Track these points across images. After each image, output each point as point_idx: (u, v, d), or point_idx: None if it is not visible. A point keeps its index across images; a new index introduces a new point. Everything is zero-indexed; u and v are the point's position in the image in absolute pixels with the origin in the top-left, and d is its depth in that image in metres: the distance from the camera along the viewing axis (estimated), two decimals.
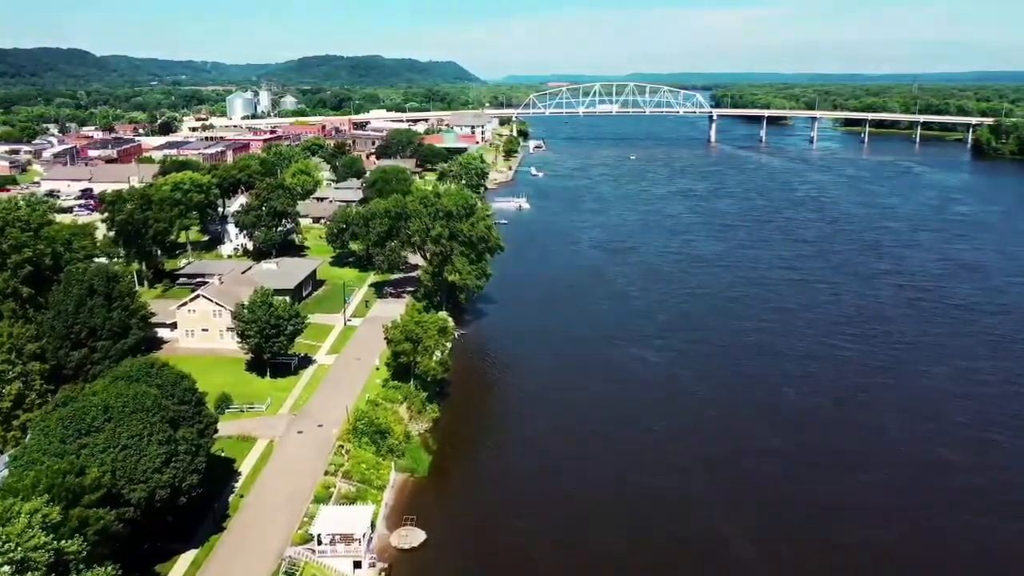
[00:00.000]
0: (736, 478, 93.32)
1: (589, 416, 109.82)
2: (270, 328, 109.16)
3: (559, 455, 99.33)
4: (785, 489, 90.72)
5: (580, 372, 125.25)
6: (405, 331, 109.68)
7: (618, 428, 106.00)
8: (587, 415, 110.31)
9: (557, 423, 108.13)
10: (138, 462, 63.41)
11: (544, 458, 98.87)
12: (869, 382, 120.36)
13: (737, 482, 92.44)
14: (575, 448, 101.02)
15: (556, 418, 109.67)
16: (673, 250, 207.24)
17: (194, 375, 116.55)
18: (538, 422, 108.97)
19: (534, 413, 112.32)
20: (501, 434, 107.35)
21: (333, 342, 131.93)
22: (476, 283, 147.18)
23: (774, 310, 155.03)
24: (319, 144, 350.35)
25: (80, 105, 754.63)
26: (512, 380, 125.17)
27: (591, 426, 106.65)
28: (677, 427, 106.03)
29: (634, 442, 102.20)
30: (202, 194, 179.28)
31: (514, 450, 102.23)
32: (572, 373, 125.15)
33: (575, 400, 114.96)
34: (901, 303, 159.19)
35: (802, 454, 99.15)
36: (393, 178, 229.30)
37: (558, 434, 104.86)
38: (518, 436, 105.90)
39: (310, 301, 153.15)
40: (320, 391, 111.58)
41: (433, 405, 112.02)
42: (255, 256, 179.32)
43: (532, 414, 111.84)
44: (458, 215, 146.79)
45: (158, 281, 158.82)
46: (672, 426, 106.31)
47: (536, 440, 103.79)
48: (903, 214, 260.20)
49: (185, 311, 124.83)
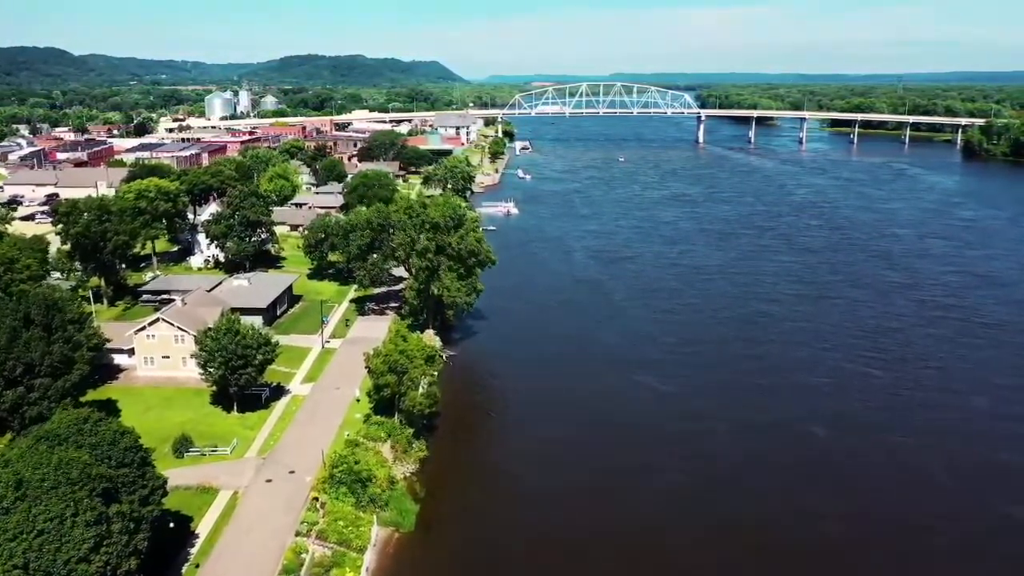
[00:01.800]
0: (776, 551, 79.11)
1: (594, 456, 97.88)
2: (236, 359, 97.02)
3: (557, 500, 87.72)
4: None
5: (582, 402, 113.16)
6: (388, 361, 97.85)
7: (628, 476, 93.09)
8: (591, 454, 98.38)
9: (558, 464, 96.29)
10: (58, 551, 51.32)
11: (544, 505, 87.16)
12: (908, 419, 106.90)
13: (777, 555, 78.87)
14: (577, 494, 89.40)
15: (557, 458, 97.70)
16: (672, 260, 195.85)
17: (152, 410, 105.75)
18: (537, 462, 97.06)
19: (532, 451, 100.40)
20: (495, 478, 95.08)
21: (309, 368, 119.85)
22: (466, 300, 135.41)
23: (790, 330, 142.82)
24: (298, 146, 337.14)
25: (55, 105, 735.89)
26: (506, 411, 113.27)
27: (595, 465, 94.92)
28: (699, 476, 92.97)
29: (648, 497, 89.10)
30: (169, 202, 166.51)
31: (510, 497, 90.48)
32: (573, 404, 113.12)
33: (578, 438, 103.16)
34: (924, 321, 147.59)
35: (852, 526, 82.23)
36: (375, 183, 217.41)
37: (558, 476, 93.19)
38: (514, 480, 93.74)
39: (285, 320, 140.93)
40: (293, 428, 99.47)
41: (420, 442, 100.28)
42: (227, 268, 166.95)
43: (529, 452, 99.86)
44: (446, 227, 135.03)
45: (119, 298, 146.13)
46: (691, 474, 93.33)
47: (534, 485, 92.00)
48: (907, 220, 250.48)
49: (143, 336, 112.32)
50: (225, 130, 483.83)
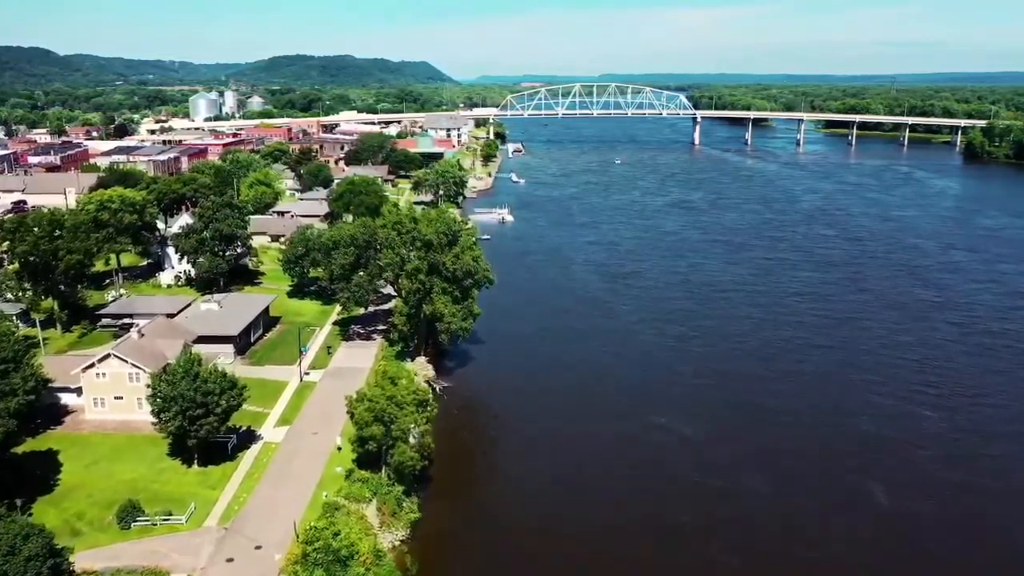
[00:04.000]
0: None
1: (611, 519, 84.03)
2: (195, 407, 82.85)
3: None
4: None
5: (594, 449, 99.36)
6: (374, 409, 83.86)
7: (655, 547, 79.46)
8: (607, 516, 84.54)
9: (571, 530, 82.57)
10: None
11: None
12: (979, 473, 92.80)
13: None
14: (595, 569, 75.92)
15: (570, 522, 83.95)
16: (681, 275, 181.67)
17: (98, 464, 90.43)
18: (546, 524, 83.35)
19: (540, 511, 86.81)
20: (499, 545, 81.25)
21: (285, 407, 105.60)
22: (461, 325, 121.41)
23: (822, 361, 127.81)
24: (282, 150, 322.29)
25: (36, 106, 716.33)
26: (509, 458, 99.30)
27: (614, 531, 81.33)
28: (735, 549, 78.97)
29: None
30: (135, 214, 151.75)
31: (520, 570, 76.83)
32: (585, 451, 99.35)
33: (592, 495, 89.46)
34: (970, 349, 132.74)
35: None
36: (362, 190, 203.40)
37: (571, 542, 79.51)
38: (521, 547, 79.95)
39: (260, 347, 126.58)
40: (263, 486, 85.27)
41: (411, 501, 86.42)
42: (199, 286, 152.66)
43: (537, 512, 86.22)
44: (439, 244, 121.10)
45: (76, 322, 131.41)
46: (727, 547, 79.34)
47: (545, 553, 78.32)
48: (926, 229, 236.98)
49: (92, 375, 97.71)
50: (209, 132, 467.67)
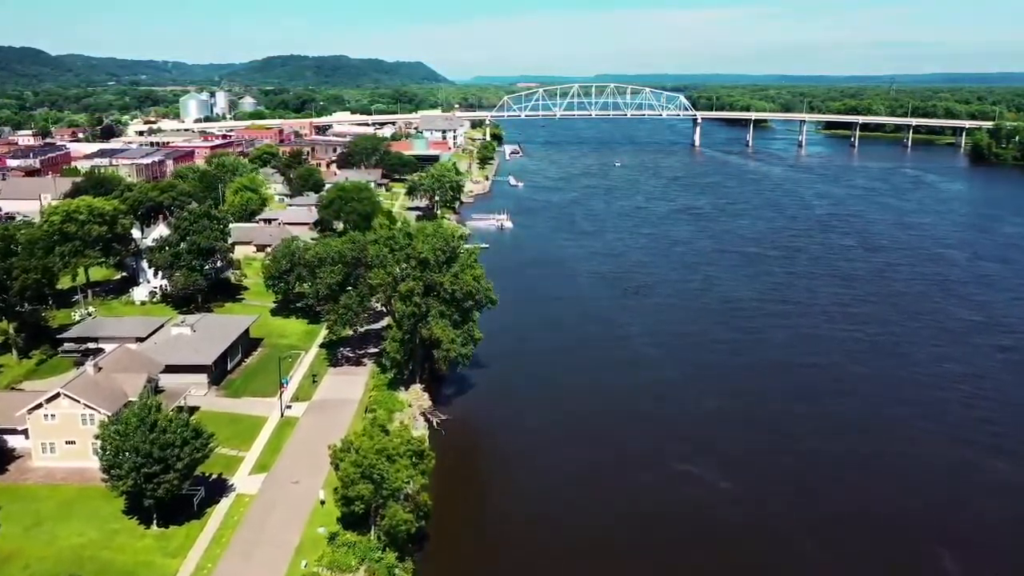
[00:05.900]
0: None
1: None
2: (152, 463, 70.68)
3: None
4: None
5: (611, 502, 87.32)
6: (362, 464, 71.69)
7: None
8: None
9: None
10: None
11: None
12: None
13: None
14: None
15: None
16: (695, 291, 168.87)
17: (41, 526, 74.94)
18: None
19: (553, 572, 75.11)
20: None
21: (262, 449, 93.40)
22: (462, 351, 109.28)
23: (868, 395, 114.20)
24: (272, 153, 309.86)
25: (24, 107, 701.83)
26: (516, 506, 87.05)
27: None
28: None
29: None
30: (104, 226, 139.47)
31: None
32: (601, 503, 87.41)
33: (611, 558, 77.76)
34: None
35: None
36: (353, 196, 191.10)
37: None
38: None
39: (238, 376, 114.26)
40: (231, 554, 72.92)
41: (405, 568, 74.39)
42: (176, 303, 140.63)
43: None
44: (436, 263, 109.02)
45: (36, 346, 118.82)
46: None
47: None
48: (949, 238, 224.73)
49: (39, 416, 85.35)
50: (198, 133, 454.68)
